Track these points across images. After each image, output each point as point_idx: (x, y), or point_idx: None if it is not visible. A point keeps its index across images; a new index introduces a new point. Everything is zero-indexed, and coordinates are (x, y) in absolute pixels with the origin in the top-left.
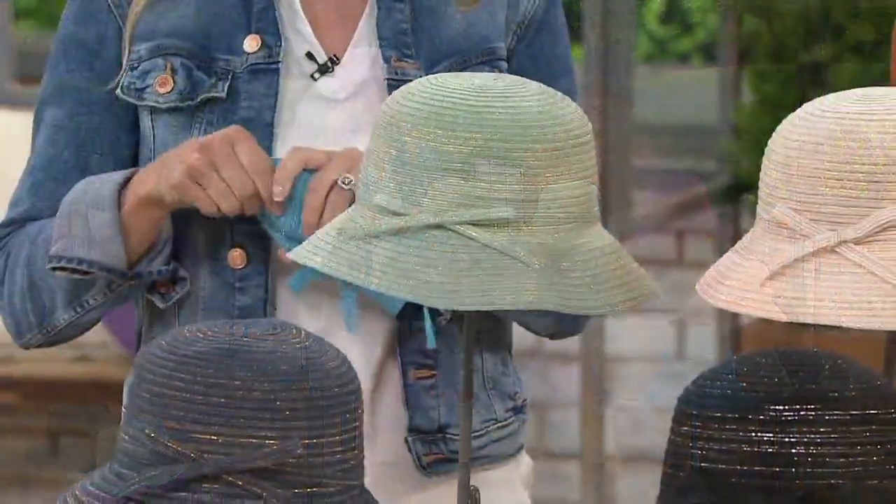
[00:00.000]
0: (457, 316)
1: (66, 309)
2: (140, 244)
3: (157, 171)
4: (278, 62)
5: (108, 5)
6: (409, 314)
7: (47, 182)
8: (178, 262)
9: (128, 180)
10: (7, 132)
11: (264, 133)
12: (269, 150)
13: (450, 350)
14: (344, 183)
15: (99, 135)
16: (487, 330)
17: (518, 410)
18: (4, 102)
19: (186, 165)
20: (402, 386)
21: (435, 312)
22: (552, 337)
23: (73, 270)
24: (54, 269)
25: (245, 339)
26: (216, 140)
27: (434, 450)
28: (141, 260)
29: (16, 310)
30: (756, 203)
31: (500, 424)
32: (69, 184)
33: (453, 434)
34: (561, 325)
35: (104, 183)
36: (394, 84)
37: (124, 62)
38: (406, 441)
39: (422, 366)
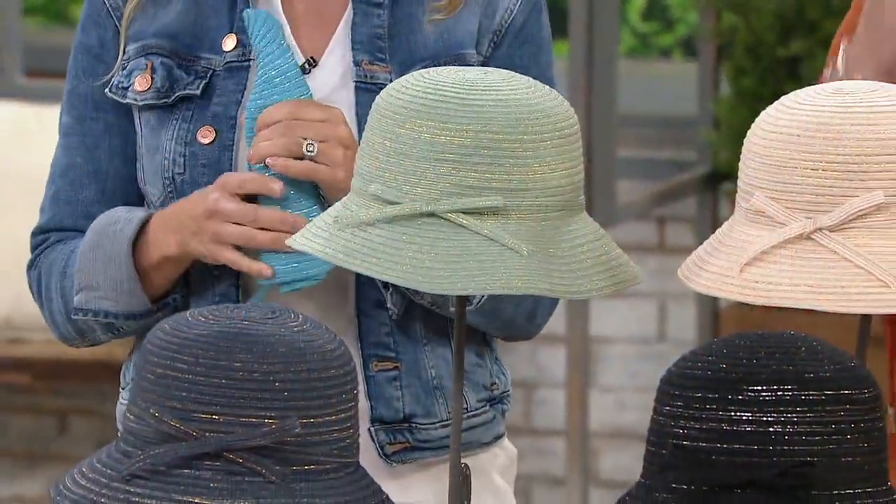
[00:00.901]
0: (413, 306)
1: (105, 334)
2: (163, 286)
3: (175, 232)
4: (250, 60)
5: (107, 9)
6: (370, 309)
7: (65, 188)
8: None
9: (140, 228)
10: (17, 124)
11: (228, 126)
12: (234, 143)
13: (412, 342)
14: (307, 149)
15: (106, 136)
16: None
17: (495, 401)
18: (15, 95)
19: (208, 236)
20: (364, 378)
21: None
22: (505, 339)
23: (99, 320)
24: (80, 318)
25: (245, 322)
26: (210, 199)
27: (399, 439)
28: (163, 296)
29: (60, 329)
30: (734, 192)
31: (471, 414)
32: (85, 188)
33: (419, 423)
34: (509, 331)
35: (116, 235)
36: (362, 87)
37: (118, 63)
38: (369, 431)
39: (383, 358)
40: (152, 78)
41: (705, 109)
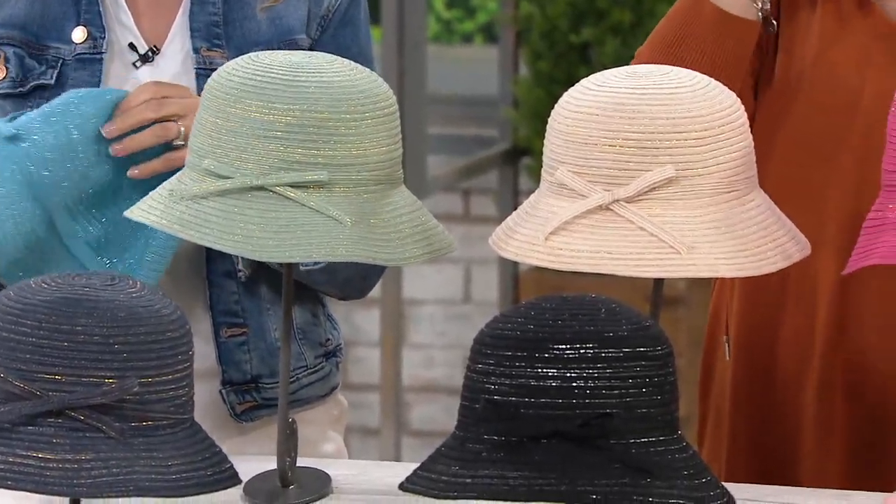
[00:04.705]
0: (256, 272)
1: None
2: None
3: None
4: (102, 53)
5: None
6: (220, 279)
7: None
8: None
9: None
10: None
11: None
12: None
13: (258, 308)
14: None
15: None
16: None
17: (329, 355)
18: None
19: None
20: (215, 344)
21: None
22: (341, 298)
23: None
24: None
25: (86, 289)
26: None
27: (247, 398)
28: None
29: None
30: (533, 165)
31: (310, 370)
32: None
33: (265, 383)
34: (345, 291)
35: None
36: (202, 73)
37: None
38: (220, 393)
39: (232, 324)
40: (6, 67)
41: (505, 90)
